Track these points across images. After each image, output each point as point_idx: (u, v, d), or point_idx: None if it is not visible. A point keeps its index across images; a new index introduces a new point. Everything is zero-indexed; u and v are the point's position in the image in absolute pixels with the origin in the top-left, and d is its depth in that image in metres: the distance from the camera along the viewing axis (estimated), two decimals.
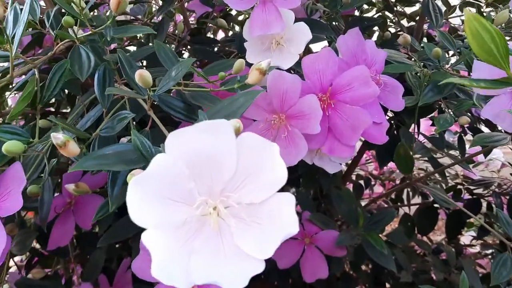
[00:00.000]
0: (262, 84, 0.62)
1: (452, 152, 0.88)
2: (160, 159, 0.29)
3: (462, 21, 1.08)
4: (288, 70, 0.58)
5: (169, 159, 0.29)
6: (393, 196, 1.30)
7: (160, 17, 0.64)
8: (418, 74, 0.63)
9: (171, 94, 0.55)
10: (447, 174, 1.17)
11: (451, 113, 0.63)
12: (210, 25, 0.81)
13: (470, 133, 0.90)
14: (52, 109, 0.74)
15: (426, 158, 0.94)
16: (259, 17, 0.55)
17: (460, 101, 0.62)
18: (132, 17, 0.74)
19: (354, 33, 0.56)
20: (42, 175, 0.49)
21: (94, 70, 0.46)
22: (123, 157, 0.36)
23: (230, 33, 0.97)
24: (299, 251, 0.73)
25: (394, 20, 1.10)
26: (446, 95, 0.61)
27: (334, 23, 0.74)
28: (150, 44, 0.66)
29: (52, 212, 0.56)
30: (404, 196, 1.30)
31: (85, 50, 0.46)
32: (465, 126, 0.85)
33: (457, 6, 1.10)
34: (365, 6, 1.09)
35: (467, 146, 0.87)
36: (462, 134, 0.90)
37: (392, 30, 1.16)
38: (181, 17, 0.92)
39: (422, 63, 0.65)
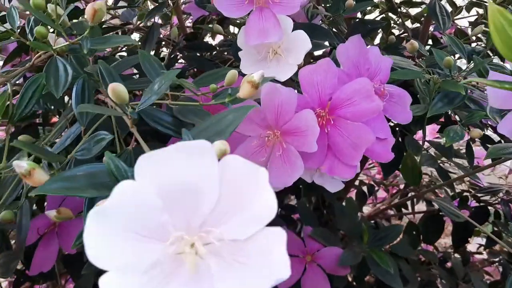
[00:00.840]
0: (257, 97, 0.58)
1: (458, 160, 0.84)
2: (126, 186, 0.25)
3: (470, 22, 1.04)
4: (288, 80, 0.54)
5: (137, 187, 0.25)
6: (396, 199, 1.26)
7: (152, 22, 0.60)
8: (428, 81, 0.58)
9: (162, 107, 0.51)
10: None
11: (461, 124, 0.59)
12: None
13: (479, 140, 0.86)
14: (39, 121, 0.70)
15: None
16: (255, 24, 0.51)
17: (472, 112, 0.58)
18: (122, 22, 0.70)
19: (355, 41, 0.52)
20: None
21: (72, 84, 0.42)
22: (95, 180, 0.32)
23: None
24: (300, 270, 0.69)
25: (398, 22, 1.06)
26: (456, 106, 0.57)
27: (336, 28, 0.70)
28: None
29: (35, 234, 0.53)
30: (408, 202, 1.26)
31: (62, 62, 0.42)
32: None
33: (464, 7, 1.06)
34: (368, 8, 1.05)
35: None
36: (471, 142, 0.86)
37: (396, 32, 1.12)
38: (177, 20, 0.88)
39: (431, 70, 0.61)
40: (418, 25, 1.05)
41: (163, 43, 0.86)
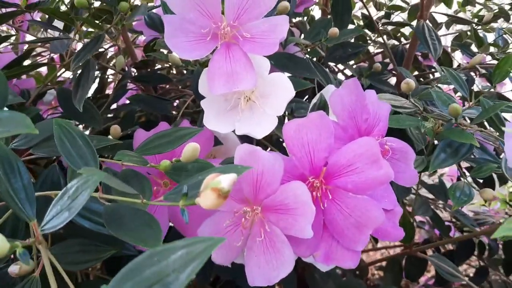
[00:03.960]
0: (229, 155, 0.46)
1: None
2: None
3: (453, 40, 0.97)
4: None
5: None
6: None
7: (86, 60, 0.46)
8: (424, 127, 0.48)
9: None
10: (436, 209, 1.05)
11: (468, 178, 0.50)
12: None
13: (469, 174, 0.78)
14: None
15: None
16: (222, 67, 0.39)
17: (480, 164, 0.49)
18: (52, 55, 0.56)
19: (351, 86, 0.41)
20: None
21: None
22: None
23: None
24: None
25: (373, 38, 0.97)
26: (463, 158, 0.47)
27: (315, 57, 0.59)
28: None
29: None
30: None
31: None
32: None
33: (444, 24, 0.99)
34: None
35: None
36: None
37: (370, 48, 1.04)
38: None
39: (427, 112, 0.51)
40: (395, 41, 0.97)
41: (111, 75, 0.72)
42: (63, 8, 0.53)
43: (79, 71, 0.48)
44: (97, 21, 0.56)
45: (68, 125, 0.30)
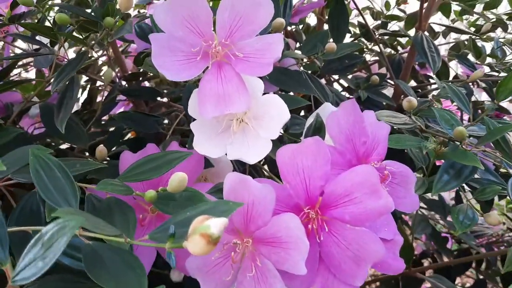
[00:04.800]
0: (218, 181, 0.43)
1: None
2: None
3: (450, 49, 0.95)
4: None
5: None
6: None
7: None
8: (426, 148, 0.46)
9: None
10: (433, 223, 1.03)
11: (470, 201, 0.48)
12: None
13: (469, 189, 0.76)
14: None
15: None
16: (212, 88, 0.37)
17: (483, 186, 0.47)
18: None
19: (348, 107, 0.39)
20: None
21: None
22: None
23: None
24: None
25: (369, 47, 0.95)
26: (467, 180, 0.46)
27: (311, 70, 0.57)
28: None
29: None
30: None
31: None
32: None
33: (441, 33, 0.97)
34: None
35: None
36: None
37: (367, 57, 1.02)
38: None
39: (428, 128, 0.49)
40: (393, 51, 0.95)
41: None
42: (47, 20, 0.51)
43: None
44: (84, 33, 0.54)
45: (46, 156, 0.28)
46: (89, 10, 0.72)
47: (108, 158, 0.50)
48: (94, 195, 0.36)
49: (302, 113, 0.72)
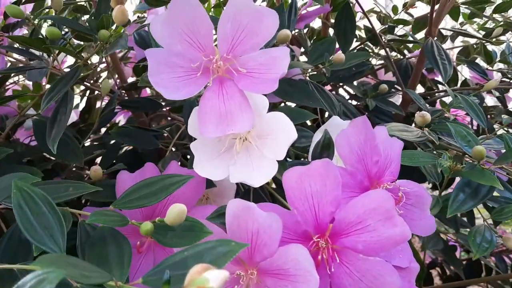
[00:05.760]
0: (220, 204, 0.41)
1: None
2: None
3: (459, 53, 0.92)
4: None
5: None
6: None
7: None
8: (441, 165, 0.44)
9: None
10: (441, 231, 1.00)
11: (488, 220, 0.45)
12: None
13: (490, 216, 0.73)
14: None
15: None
16: (213, 105, 0.35)
17: (502, 206, 0.44)
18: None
19: (359, 125, 0.37)
20: None
21: None
22: None
23: None
24: None
25: (376, 51, 0.93)
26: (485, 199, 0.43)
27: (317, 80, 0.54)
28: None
29: None
30: None
31: None
32: None
33: (449, 37, 0.95)
34: None
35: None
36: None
37: (373, 61, 0.99)
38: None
39: (445, 149, 0.46)
40: (401, 56, 0.92)
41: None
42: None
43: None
44: (81, 41, 0.51)
45: (31, 189, 0.26)
46: (87, 16, 0.70)
47: (104, 170, 0.47)
48: (86, 225, 0.34)
49: (308, 122, 0.69)
